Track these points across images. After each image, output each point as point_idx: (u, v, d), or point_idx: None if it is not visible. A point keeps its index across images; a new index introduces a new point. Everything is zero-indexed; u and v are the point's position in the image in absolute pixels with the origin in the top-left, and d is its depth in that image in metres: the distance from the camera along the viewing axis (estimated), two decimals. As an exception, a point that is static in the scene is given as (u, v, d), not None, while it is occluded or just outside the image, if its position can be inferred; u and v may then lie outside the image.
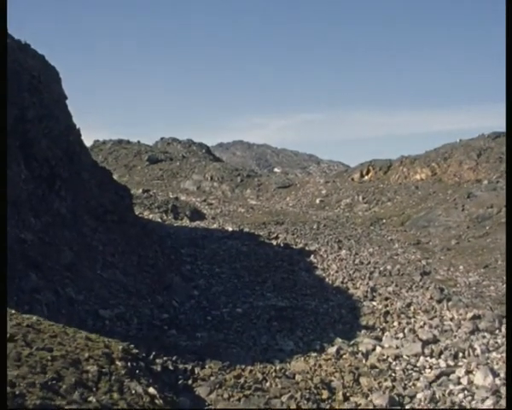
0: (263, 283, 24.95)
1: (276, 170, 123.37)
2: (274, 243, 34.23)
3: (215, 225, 38.73)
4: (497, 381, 15.36)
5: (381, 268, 28.54)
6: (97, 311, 17.00)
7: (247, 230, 37.55)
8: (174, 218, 39.95)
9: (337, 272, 27.77)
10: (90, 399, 8.24)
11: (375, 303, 23.16)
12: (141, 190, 46.50)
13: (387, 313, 21.96)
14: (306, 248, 32.99)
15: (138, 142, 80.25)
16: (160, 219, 37.96)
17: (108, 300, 18.23)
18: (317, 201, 53.84)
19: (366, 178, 61.53)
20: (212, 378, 13.56)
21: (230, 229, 37.10)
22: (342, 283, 25.93)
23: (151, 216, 38.49)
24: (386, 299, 23.61)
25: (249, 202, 53.72)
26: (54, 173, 21.43)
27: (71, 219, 20.93)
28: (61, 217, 20.48)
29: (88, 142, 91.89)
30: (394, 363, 17.07)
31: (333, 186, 57.91)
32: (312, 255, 31.08)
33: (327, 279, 26.46)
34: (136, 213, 38.05)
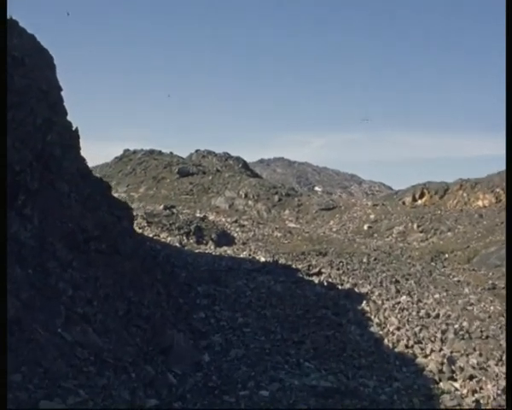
0: (300, 343, 18.37)
1: (316, 189, 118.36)
2: (315, 280, 27.65)
3: (245, 253, 32.32)
4: None
5: (456, 326, 21.66)
6: (38, 402, 10.70)
7: (282, 261, 31.08)
8: (197, 242, 33.73)
9: (398, 329, 21.00)
10: None
11: (456, 385, 16.37)
12: (162, 207, 40.36)
13: (477, 402, 15.28)
14: (356, 290, 26.32)
15: (171, 153, 74.65)
16: (178, 244, 31.73)
17: (64, 379, 11.88)
18: (365, 227, 47.05)
19: (420, 202, 54.72)
20: None
21: (263, 259, 30.66)
22: (407, 347, 19.19)
23: (169, 239, 32.32)
24: (471, 378, 16.81)
25: (287, 224, 47.21)
26: (17, 183, 15.35)
27: (32, 249, 14.77)
28: (19, 246, 14.34)
29: (118, 152, 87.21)
30: None
31: (382, 210, 51.07)
32: (364, 301, 24.36)
33: (386, 340, 19.73)
34: (151, 234, 32.03)
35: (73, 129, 22.98)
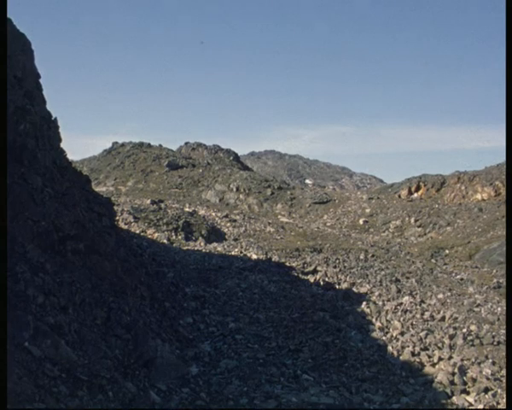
0: (297, 352, 16.76)
1: (307, 181, 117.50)
2: (311, 279, 26.06)
3: (236, 250, 30.65)
4: None
5: (464, 330, 20.09)
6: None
7: (276, 258, 29.47)
8: (185, 238, 32.05)
9: (402, 333, 19.42)
10: None
11: (470, 399, 14.81)
12: (149, 201, 38.60)
13: (495, 419, 13.78)
14: (354, 290, 24.76)
15: (160, 145, 72.77)
16: (166, 240, 30.06)
17: (30, 402, 10.28)
18: (361, 221, 45.55)
19: (416, 195, 53.31)
20: None
21: (255, 256, 29.03)
22: (413, 354, 17.59)
23: (156, 235, 30.63)
24: (486, 391, 15.27)
25: (280, 219, 45.59)
26: (-18, 177, 13.67)
27: (-2, 251, 13.06)
28: (-18, 248, 12.65)
29: (107, 144, 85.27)
30: None
31: (378, 204, 49.58)
32: (364, 303, 22.80)
33: (389, 347, 18.13)
34: (138, 230, 30.34)
35: (52, 119, 21.40)
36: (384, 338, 19.05)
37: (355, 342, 18.24)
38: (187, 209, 40.53)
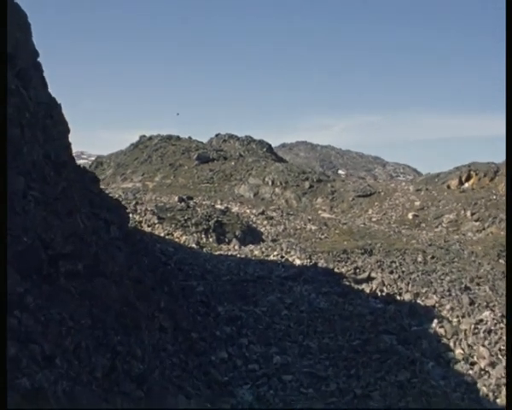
0: (365, 398, 12.77)
1: (340, 172, 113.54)
2: (366, 289, 21.99)
3: (275, 253, 26.65)
4: None
5: None
6: None
7: (322, 262, 25.43)
8: (217, 240, 28.22)
9: (492, 365, 15.28)
10: None
11: None
12: (176, 199, 34.74)
13: None
14: (420, 303, 20.63)
15: (189, 138, 68.94)
16: (195, 244, 26.22)
17: None
18: (410, 215, 41.15)
19: (467, 185, 48.49)
20: None
21: (298, 262, 25.05)
22: None
23: (184, 238, 26.83)
24: None
25: (321, 215, 41.43)
26: None
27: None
28: None
29: (135, 138, 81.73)
30: None
31: (428, 196, 45.08)
32: (435, 321, 18.61)
33: (482, 387, 14.01)
34: (162, 233, 26.58)
35: (51, 105, 17.71)
36: (471, 372, 14.95)
37: (436, 379, 14.19)
38: (218, 206, 36.68)
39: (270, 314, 17.86)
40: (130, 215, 28.88)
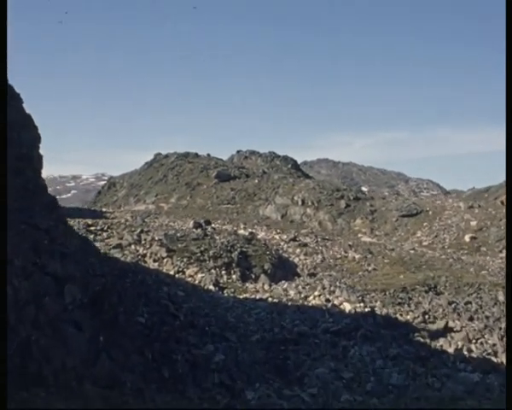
0: None
1: (363, 189, 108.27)
2: (446, 346, 16.07)
3: (316, 294, 20.75)
4: None
5: None
6: None
7: (378, 306, 19.56)
8: (242, 278, 22.42)
9: None
10: None
11: None
12: (191, 224, 28.93)
13: None
14: (529, 370, 14.60)
15: (208, 155, 63.39)
16: (212, 285, 20.35)
17: None
18: (467, 238, 35.05)
19: (523, 201, 42.05)
20: None
21: (348, 306, 19.14)
22: None
23: (199, 277, 21.01)
24: None
25: (361, 238, 35.49)
26: None
27: None
28: None
29: (149, 157, 76.44)
30: None
31: (483, 214, 38.91)
32: None
33: None
34: (172, 270, 20.91)
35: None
36: None
37: None
38: (242, 232, 30.88)
39: (324, 400, 11.97)
40: (133, 247, 23.25)
